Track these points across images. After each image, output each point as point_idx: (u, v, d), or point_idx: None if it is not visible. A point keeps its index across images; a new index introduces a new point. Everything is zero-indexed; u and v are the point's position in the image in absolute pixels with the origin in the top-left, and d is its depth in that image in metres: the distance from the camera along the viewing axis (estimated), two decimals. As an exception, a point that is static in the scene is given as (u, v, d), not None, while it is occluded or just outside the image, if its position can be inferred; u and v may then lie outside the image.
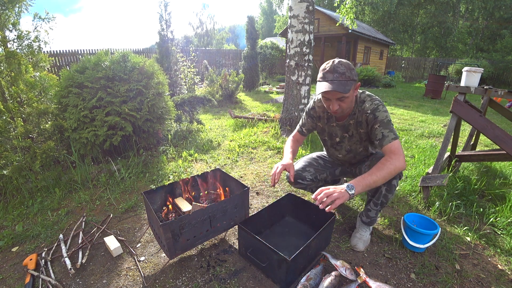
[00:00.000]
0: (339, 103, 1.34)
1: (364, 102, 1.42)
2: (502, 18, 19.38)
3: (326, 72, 1.31)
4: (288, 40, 3.66)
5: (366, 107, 1.40)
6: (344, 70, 1.29)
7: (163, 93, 3.14)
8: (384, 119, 1.35)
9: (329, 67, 1.31)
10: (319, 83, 1.34)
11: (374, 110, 1.38)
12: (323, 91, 1.29)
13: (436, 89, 8.61)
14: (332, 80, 1.29)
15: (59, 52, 8.16)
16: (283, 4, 32.37)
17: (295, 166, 1.79)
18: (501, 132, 1.88)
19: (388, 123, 1.35)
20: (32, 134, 2.66)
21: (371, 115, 1.38)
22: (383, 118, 1.35)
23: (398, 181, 1.44)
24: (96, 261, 1.51)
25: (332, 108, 1.36)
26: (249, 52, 9.21)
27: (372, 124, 1.38)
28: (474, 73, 2.13)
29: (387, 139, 1.30)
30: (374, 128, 1.36)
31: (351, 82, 1.29)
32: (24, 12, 2.67)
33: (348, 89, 1.28)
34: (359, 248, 1.56)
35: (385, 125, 1.33)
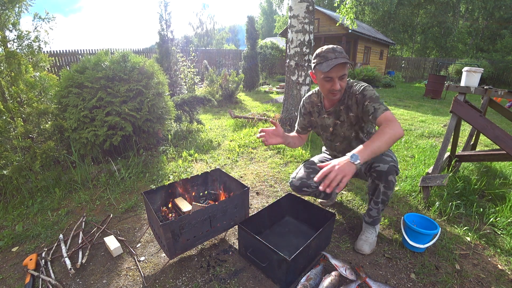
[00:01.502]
0: (340, 83, 1.39)
1: (352, 86, 1.50)
2: (502, 18, 19.38)
3: (326, 52, 1.36)
4: (288, 40, 3.66)
5: (355, 90, 1.48)
6: (341, 50, 1.38)
7: (163, 93, 3.14)
8: (373, 95, 1.40)
9: (326, 48, 1.38)
10: (321, 64, 1.37)
11: (363, 90, 1.44)
12: (334, 65, 1.31)
13: (436, 89, 8.61)
14: (336, 57, 1.34)
15: (59, 52, 8.16)
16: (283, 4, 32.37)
17: (299, 174, 1.76)
18: (501, 132, 1.88)
19: (377, 98, 1.39)
20: (32, 134, 2.66)
21: (360, 94, 1.44)
22: (372, 94, 1.40)
23: (395, 177, 1.44)
24: (96, 261, 1.51)
25: (335, 87, 1.38)
26: (249, 52, 9.21)
27: (362, 102, 1.42)
28: (474, 73, 2.13)
29: (379, 111, 1.34)
30: (364, 105, 1.40)
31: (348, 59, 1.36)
32: (24, 12, 2.67)
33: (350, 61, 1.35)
34: (365, 251, 1.54)
35: (375, 100, 1.38)
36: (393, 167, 1.41)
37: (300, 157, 2.95)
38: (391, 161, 1.43)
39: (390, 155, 1.49)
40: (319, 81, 1.46)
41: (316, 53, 1.41)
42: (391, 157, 1.47)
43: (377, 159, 1.45)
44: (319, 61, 1.39)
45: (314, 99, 1.67)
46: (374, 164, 1.45)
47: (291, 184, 1.82)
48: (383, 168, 1.41)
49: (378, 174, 1.43)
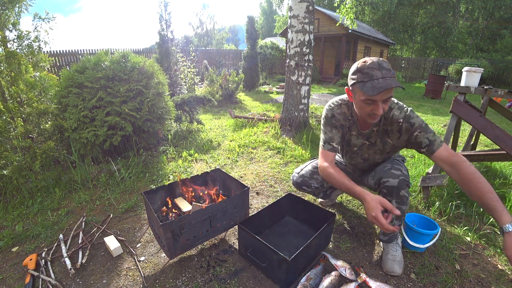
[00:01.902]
0: (383, 106, 1.18)
1: (392, 109, 1.29)
2: (502, 18, 19.38)
3: (370, 68, 1.14)
4: (288, 40, 3.66)
5: (396, 115, 1.28)
6: (389, 66, 1.15)
7: (163, 93, 3.14)
8: (422, 124, 1.24)
9: (371, 63, 1.15)
10: (364, 84, 1.15)
11: (408, 118, 1.26)
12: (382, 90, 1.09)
13: (436, 89, 8.61)
14: (384, 77, 1.12)
15: (59, 52, 8.16)
16: (283, 4, 32.39)
17: (303, 171, 1.73)
18: (501, 132, 1.88)
19: (426, 126, 1.24)
20: (32, 134, 2.66)
21: (406, 123, 1.26)
22: (420, 123, 1.25)
23: (407, 191, 1.34)
24: (96, 261, 1.51)
25: (378, 112, 1.18)
26: (249, 52, 9.21)
27: (410, 132, 1.26)
28: (474, 73, 2.13)
29: (436, 144, 1.20)
30: (414, 135, 1.25)
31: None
32: (24, 12, 2.67)
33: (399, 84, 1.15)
34: (397, 271, 1.38)
35: (426, 129, 1.23)
36: (403, 181, 1.32)
37: (300, 157, 2.95)
38: (401, 175, 1.33)
39: (399, 168, 1.37)
40: (357, 101, 1.24)
41: (358, 67, 1.18)
42: (400, 170, 1.36)
43: (386, 173, 1.36)
44: (361, 79, 1.17)
45: (344, 110, 1.42)
46: (383, 179, 1.36)
47: (292, 178, 1.81)
48: (393, 183, 1.31)
49: (388, 190, 1.33)
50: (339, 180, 1.30)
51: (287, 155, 3.04)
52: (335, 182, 1.33)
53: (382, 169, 1.42)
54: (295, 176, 1.79)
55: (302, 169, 1.77)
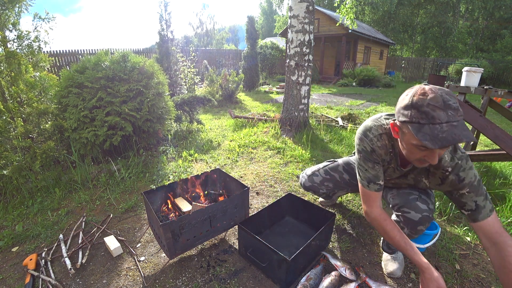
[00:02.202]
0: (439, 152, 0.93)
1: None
2: (502, 18, 19.38)
3: (433, 108, 0.85)
4: (288, 40, 3.66)
5: (445, 161, 1.05)
6: (456, 104, 0.86)
7: (163, 93, 3.14)
8: (474, 181, 1.02)
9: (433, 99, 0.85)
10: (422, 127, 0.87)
11: (458, 169, 1.03)
12: (447, 145, 0.83)
13: (436, 89, 8.61)
14: (449, 121, 0.84)
15: (59, 52, 8.16)
16: (283, 4, 32.41)
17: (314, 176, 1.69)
18: (501, 132, 1.88)
19: (479, 185, 1.03)
20: (32, 134, 2.66)
21: (454, 175, 1.04)
22: (472, 179, 1.02)
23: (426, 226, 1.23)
24: (96, 261, 1.51)
25: (432, 161, 0.94)
26: (249, 52, 9.21)
27: (456, 188, 1.06)
28: (474, 73, 2.14)
29: (483, 212, 1.01)
30: (460, 193, 1.05)
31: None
32: (24, 12, 2.67)
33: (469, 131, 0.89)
34: (397, 274, 1.37)
35: (477, 190, 1.02)
36: (426, 218, 1.19)
37: (300, 157, 2.95)
38: (426, 210, 1.19)
39: (427, 200, 1.23)
40: (405, 143, 0.98)
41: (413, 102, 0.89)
42: (427, 203, 1.21)
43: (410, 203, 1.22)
44: (416, 119, 0.88)
45: (385, 142, 1.15)
46: (404, 208, 1.23)
47: (301, 178, 1.80)
48: (414, 217, 1.19)
49: (406, 221, 1.23)
50: (394, 238, 1.12)
51: (287, 155, 3.04)
52: (389, 238, 1.15)
53: (406, 195, 1.26)
54: (304, 178, 1.78)
55: (314, 173, 1.74)
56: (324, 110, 5.76)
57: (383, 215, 1.18)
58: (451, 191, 1.09)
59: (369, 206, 1.22)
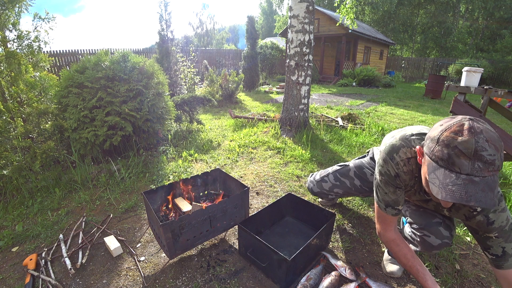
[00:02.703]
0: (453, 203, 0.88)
1: None
2: (502, 18, 19.39)
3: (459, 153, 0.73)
4: (288, 40, 3.66)
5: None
6: (494, 156, 0.71)
7: (163, 93, 3.15)
8: (505, 226, 0.91)
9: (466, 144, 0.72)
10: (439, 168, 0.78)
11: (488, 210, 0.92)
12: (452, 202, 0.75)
13: (436, 89, 8.62)
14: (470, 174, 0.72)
15: (59, 52, 8.16)
16: (283, 4, 32.41)
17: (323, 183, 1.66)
18: (501, 132, 1.88)
19: (510, 230, 0.92)
20: (32, 134, 2.66)
21: (483, 216, 0.93)
22: (503, 224, 0.91)
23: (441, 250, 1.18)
24: (96, 261, 1.51)
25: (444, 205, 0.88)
26: (249, 52, 9.21)
27: (483, 229, 0.95)
28: (474, 73, 2.14)
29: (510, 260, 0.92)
30: (487, 236, 0.95)
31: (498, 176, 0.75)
32: (24, 12, 2.67)
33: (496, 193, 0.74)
34: (397, 274, 1.36)
35: (507, 236, 0.92)
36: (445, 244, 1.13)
37: (300, 157, 2.95)
38: (447, 237, 1.12)
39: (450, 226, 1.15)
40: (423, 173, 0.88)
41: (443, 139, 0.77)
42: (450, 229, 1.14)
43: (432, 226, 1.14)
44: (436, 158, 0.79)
45: (413, 167, 1.02)
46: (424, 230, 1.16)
47: (309, 183, 1.79)
48: (433, 242, 1.13)
49: (423, 242, 1.16)
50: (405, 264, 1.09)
51: (287, 155, 3.04)
52: (401, 263, 1.12)
53: (430, 219, 1.17)
54: (312, 183, 1.78)
55: (322, 179, 1.73)
56: (324, 110, 5.76)
57: (398, 240, 1.12)
58: (476, 231, 0.98)
59: (384, 228, 1.16)
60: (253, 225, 1.54)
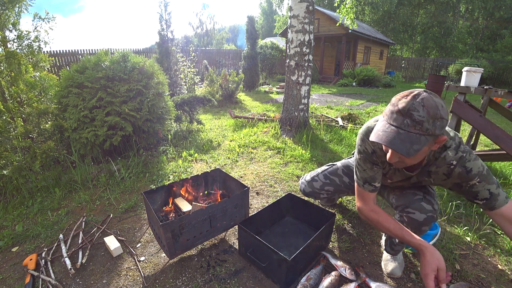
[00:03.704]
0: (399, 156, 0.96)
1: (446, 148, 1.04)
2: (502, 18, 19.38)
3: (398, 111, 0.88)
4: (288, 40, 3.66)
5: (449, 157, 1.04)
6: (423, 117, 0.85)
7: (163, 93, 3.14)
8: (483, 170, 1.00)
9: (404, 105, 0.87)
10: (380, 122, 0.95)
11: (463, 161, 1.02)
12: (374, 139, 0.91)
13: (436, 89, 8.59)
14: (398, 127, 0.88)
15: (59, 52, 8.16)
16: (283, 4, 32.41)
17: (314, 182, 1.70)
18: (501, 132, 1.88)
19: (488, 174, 1.01)
20: (32, 134, 2.66)
21: (460, 167, 1.02)
22: (481, 169, 1.00)
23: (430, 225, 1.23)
24: (96, 261, 1.51)
25: (389, 159, 0.98)
26: (249, 52, 9.21)
27: (465, 179, 1.03)
28: (474, 73, 2.14)
29: (500, 199, 0.99)
30: (470, 184, 1.03)
31: (426, 138, 0.87)
32: (24, 12, 2.67)
33: (416, 149, 0.86)
34: (397, 274, 1.36)
35: (487, 179, 1.00)
36: (431, 219, 1.18)
37: (300, 157, 2.95)
38: (430, 211, 1.19)
39: (431, 200, 1.23)
40: None
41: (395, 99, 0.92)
42: (432, 204, 1.21)
43: (415, 203, 1.21)
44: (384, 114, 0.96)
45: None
46: (408, 208, 1.22)
47: (301, 185, 1.80)
48: (419, 217, 1.19)
49: (410, 221, 1.21)
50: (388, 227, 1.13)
51: (287, 155, 3.04)
52: (383, 229, 1.17)
53: (411, 196, 1.25)
54: (304, 184, 1.78)
55: (313, 178, 1.74)
56: (324, 110, 5.76)
57: (376, 209, 1.20)
58: (460, 183, 1.06)
59: (363, 203, 1.24)
60: (253, 225, 1.54)
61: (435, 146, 0.95)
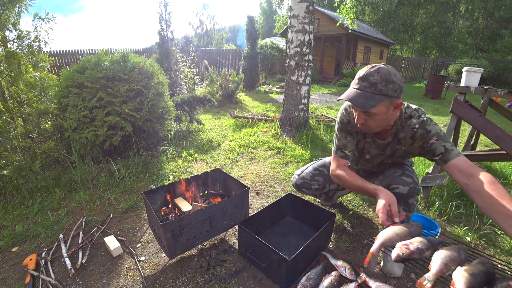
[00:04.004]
0: (364, 118, 1.16)
1: (411, 117, 1.22)
2: (502, 18, 19.37)
3: (359, 77, 1.12)
4: (288, 40, 3.66)
5: (413, 123, 1.21)
6: (376, 80, 1.07)
7: (163, 93, 3.14)
8: (440, 132, 1.16)
9: (364, 72, 1.11)
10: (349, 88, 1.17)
11: (424, 124, 1.18)
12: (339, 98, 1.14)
13: (436, 89, 8.61)
14: (358, 89, 1.11)
15: (59, 52, 8.15)
16: (283, 4, 32.37)
17: (303, 173, 1.73)
18: (501, 132, 1.88)
19: (445, 136, 1.15)
20: (32, 134, 2.66)
21: (421, 129, 1.18)
22: (438, 131, 1.16)
23: (416, 199, 1.32)
24: (96, 261, 1.51)
25: (356, 121, 1.19)
26: (249, 52, 9.21)
27: (425, 139, 1.17)
28: (474, 73, 2.13)
29: (453, 153, 1.10)
30: (429, 143, 1.16)
31: (380, 97, 1.07)
32: (24, 12, 2.67)
33: (371, 104, 1.06)
34: (397, 273, 1.39)
35: (444, 138, 1.14)
36: (414, 190, 1.28)
37: (300, 157, 2.95)
38: (412, 183, 1.29)
39: (410, 174, 1.34)
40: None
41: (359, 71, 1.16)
42: (411, 177, 1.33)
43: (396, 179, 1.32)
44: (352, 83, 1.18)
45: None
46: (392, 185, 1.31)
47: (292, 180, 1.82)
48: (403, 190, 1.28)
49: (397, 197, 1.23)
50: (351, 181, 1.29)
51: (287, 155, 3.04)
52: (348, 184, 1.31)
53: (392, 174, 1.36)
54: (295, 178, 1.80)
55: (303, 171, 1.77)
56: (324, 110, 5.76)
57: (343, 169, 1.36)
58: (422, 145, 1.20)
59: (335, 167, 1.41)
60: (253, 225, 1.54)
61: (395, 111, 1.16)
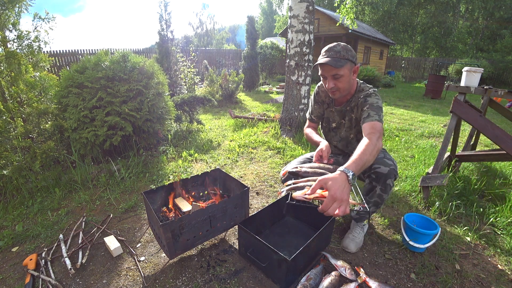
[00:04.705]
0: (334, 82, 1.42)
1: (363, 90, 1.52)
2: (502, 18, 19.37)
3: (324, 51, 1.42)
4: (288, 40, 3.66)
5: (361, 94, 1.50)
6: (339, 49, 1.38)
7: (163, 93, 3.14)
8: (374, 103, 1.40)
9: (328, 46, 1.41)
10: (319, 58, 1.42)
11: (367, 95, 1.46)
12: (316, 64, 1.42)
13: (436, 89, 8.61)
14: (327, 57, 1.39)
15: (59, 52, 8.15)
16: (283, 4, 32.36)
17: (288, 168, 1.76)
18: (501, 132, 1.88)
19: (377, 108, 1.38)
20: (32, 134, 2.66)
21: (363, 98, 1.47)
22: (374, 102, 1.41)
23: (393, 182, 1.44)
24: (96, 261, 1.51)
25: (328, 86, 1.44)
26: (249, 52, 9.21)
27: (362, 106, 1.45)
28: (474, 73, 2.13)
29: (369, 119, 1.34)
30: (363, 109, 1.42)
31: (344, 61, 1.37)
32: (24, 12, 2.67)
33: (340, 65, 1.35)
34: (351, 249, 1.55)
35: (373, 108, 1.38)
36: (393, 171, 1.41)
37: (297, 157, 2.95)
38: (392, 165, 1.43)
39: (391, 158, 1.49)
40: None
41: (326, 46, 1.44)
42: (392, 161, 1.47)
43: (378, 160, 1.45)
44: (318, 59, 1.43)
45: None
46: (374, 165, 1.44)
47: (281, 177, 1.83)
48: (384, 170, 1.40)
49: (377, 176, 1.42)
50: (311, 136, 1.69)
51: (287, 155, 3.04)
52: (308, 138, 1.72)
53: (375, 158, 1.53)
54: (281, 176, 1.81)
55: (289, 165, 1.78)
56: (324, 110, 5.75)
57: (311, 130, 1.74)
58: (360, 111, 1.47)
59: (306, 127, 1.80)
60: (253, 225, 1.54)
61: (354, 75, 1.46)
